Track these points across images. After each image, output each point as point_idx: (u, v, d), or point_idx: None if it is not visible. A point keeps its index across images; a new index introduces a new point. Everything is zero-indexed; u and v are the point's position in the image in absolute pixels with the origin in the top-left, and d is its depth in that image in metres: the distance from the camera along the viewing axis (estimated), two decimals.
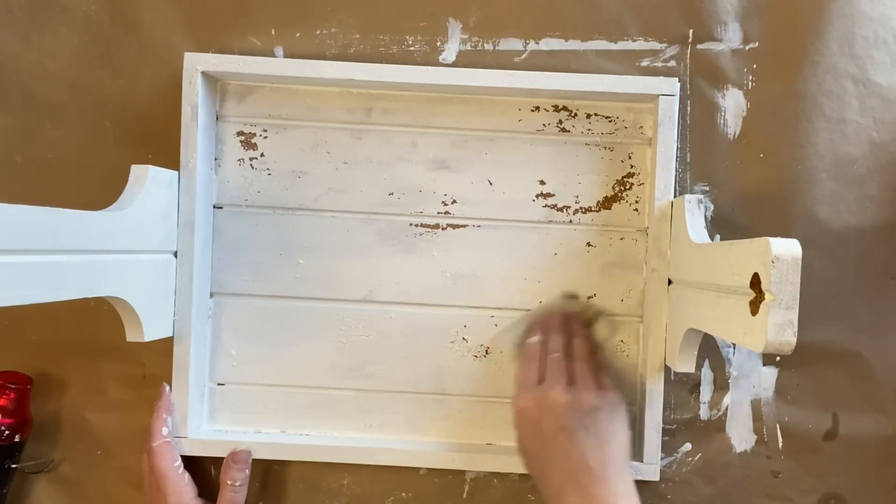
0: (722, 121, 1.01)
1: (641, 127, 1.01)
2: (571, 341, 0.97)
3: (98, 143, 1.02)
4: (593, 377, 0.93)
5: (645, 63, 1.01)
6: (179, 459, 0.98)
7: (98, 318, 1.01)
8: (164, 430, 0.97)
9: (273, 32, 1.01)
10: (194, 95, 0.97)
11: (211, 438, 1.00)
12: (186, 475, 0.98)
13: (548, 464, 0.89)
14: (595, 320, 1.02)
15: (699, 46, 1.01)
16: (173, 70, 1.00)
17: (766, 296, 0.68)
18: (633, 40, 1.01)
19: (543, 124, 1.01)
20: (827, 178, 1.00)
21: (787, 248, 0.67)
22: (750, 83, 1.01)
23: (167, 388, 0.99)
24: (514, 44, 1.01)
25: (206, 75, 0.98)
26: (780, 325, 0.68)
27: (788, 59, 1.01)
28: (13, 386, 0.99)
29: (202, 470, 1.02)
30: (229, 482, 0.98)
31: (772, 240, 0.68)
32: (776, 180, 1.01)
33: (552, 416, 0.88)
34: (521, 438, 0.92)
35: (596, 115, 1.01)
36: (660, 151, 0.98)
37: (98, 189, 0.97)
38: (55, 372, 1.03)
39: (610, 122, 1.01)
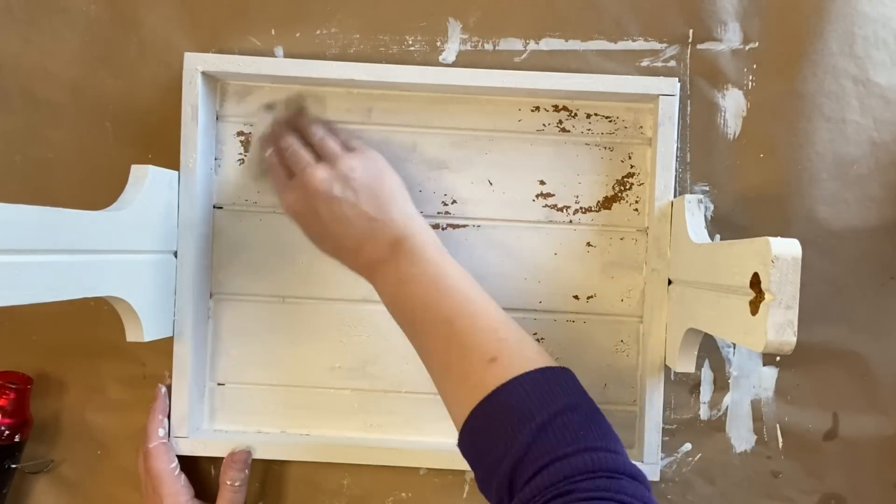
0: (722, 121, 1.01)
1: (641, 127, 1.01)
2: (301, 134, 0.97)
3: (98, 143, 1.02)
4: (338, 144, 0.94)
5: (645, 63, 1.01)
6: (176, 461, 0.98)
7: (98, 318, 1.01)
8: (161, 432, 0.98)
9: (273, 32, 1.01)
10: (194, 95, 0.97)
11: (211, 438, 1.01)
12: (183, 476, 0.98)
13: (337, 236, 0.91)
14: (304, 103, 1.03)
15: (699, 46, 1.01)
16: (173, 70, 1.00)
17: (766, 295, 0.68)
18: (633, 40, 1.01)
19: (543, 124, 1.02)
20: (827, 178, 1.00)
21: (787, 248, 0.67)
22: (750, 83, 1.01)
23: (163, 389, 1.00)
24: (514, 44, 1.01)
25: (206, 75, 0.98)
26: (780, 324, 0.68)
27: (788, 59, 1.01)
28: (13, 386, 0.99)
29: (202, 470, 1.03)
30: (228, 482, 0.98)
31: (772, 239, 0.68)
32: (776, 180, 1.01)
33: (317, 194, 0.89)
34: (305, 231, 0.94)
35: (596, 115, 1.02)
36: (660, 151, 0.98)
37: (98, 189, 0.97)
38: (55, 372, 1.04)
39: (610, 122, 1.01)
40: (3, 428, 0.97)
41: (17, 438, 0.99)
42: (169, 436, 0.99)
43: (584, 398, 0.78)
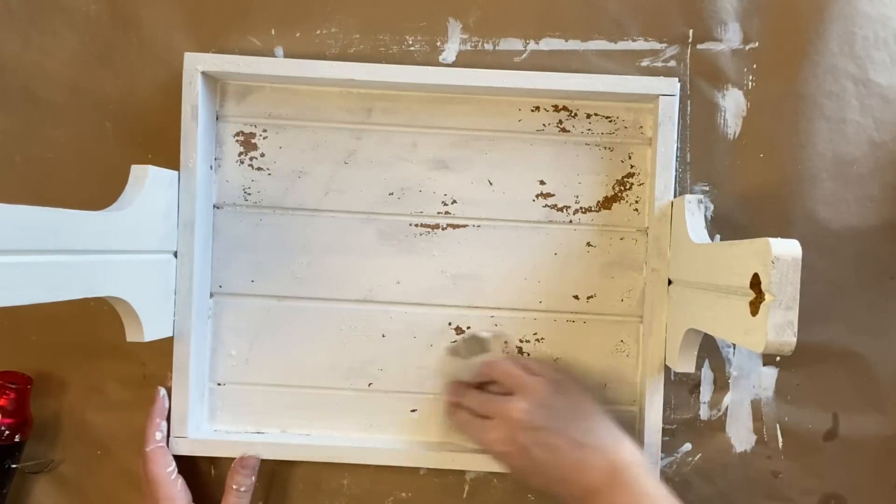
0: (722, 121, 1.01)
1: (641, 127, 1.01)
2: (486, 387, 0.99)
3: (98, 143, 1.02)
4: (523, 372, 0.93)
5: (645, 63, 1.01)
6: (173, 464, 0.98)
7: (98, 318, 1.01)
8: (158, 435, 0.97)
9: (273, 32, 1.01)
10: (194, 95, 0.97)
11: (210, 438, 1.00)
12: (180, 480, 0.98)
13: (549, 467, 0.88)
14: (484, 345, 1.03)
15: (699, 46, 1.01)
16: (173, 70, 1.00)
17: (766, 296, 0.68)
18: (633, 40, 1.01)
19: (543, 124, 1.02)
20: (827, 178, 1.00)
21: (787, 249, 0.68)
22: (750, 83, 1.01)
23: (162, 391, 1.00)
24: (514, 44, 1.01)
25: (206, 75, 0.98)
26: (780, 325, 0.68)
27: (788, 59, 1.01)
28: (13, 386, 0.99)
29: (201, 470, 1.03)
30: (235, 486, 0.98)
31: (772, 240, 0.68)
32: (776, 180, 1.01)
33: (521, 426, 0.88)
34: (513, 468, 0.92)
35: (596, 115, 1.01)
36: (660, 151, 0.98)
37: (98, 189, 0.97)
38: (55, 372, 1.03)
39: (610, 122, 1.01)
40: (3, 428, 0.97)
41: (17, 438, 0.99)
42: (168, 438, 0.99)
43: None
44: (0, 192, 1.02)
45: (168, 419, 1.00)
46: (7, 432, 0.97)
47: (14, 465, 0.99)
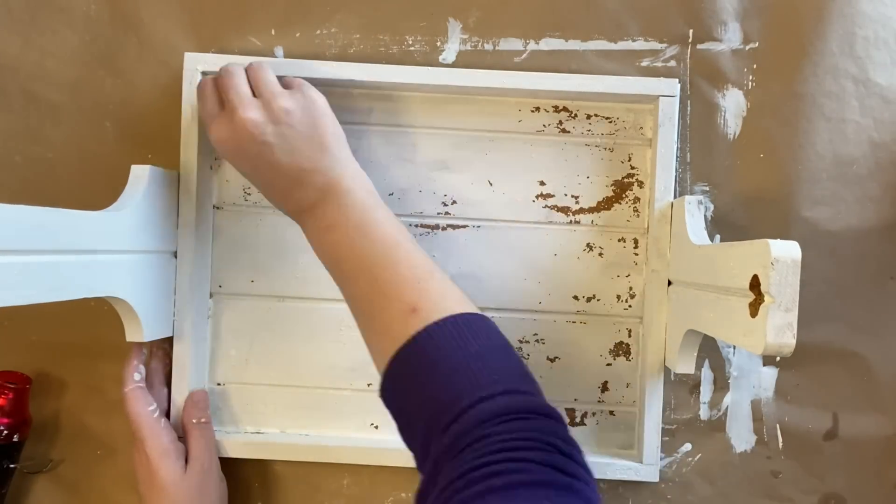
0: (722, 121, 1.01)
1: (641, 128, 1.01)
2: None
3: (98, 143, 1.02)
4: (275, 80, 0.89)
5: (645, 63, 1.01)
6: (154, 404, 0.97)
7: (98, 318, 1.01)
8: (136, 376, 0.96)
9: (273, 32, 1.01)
10: (194, 95, 0.97)
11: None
12: (164, 420, 0.97)
13: (266, 179, 0.89)
14: None
15: (699, 46, 1.01)
16: (173, 70, 1.00)
17: (766, 298, 0.68)
18: (633, 40, 1.01)
19: (543, 125, 1.02)
20: (827, 178, 1.00)
21: (787, 251, 0.68)
22: (750, 83, 1.01)
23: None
24: (514, 44, 1.01)
25: (206, 75, 0.98)
26: (779, 327, 0.68)
27: (788, 59, 1.01)
28: (12, 385, 0.99)
29: None
30: (194, 420, 0.98)
31: (771, 242, 0.68)
32: (776, 180, 1.01)
33: (248, 137, 0.85)
34: (232, 164, 0.90)
35: (596, 115, 1.01)
36: (660, 152, 0.98)
37: (98, 189, 0.97)
38: (55, 372, 1.04)
39: (610, 122, 1.01)
40: (1, 427, 0.97)
41: (15, 438, 0.99)
42: (169, 414, 1.00)
43: (499, 340, 0.78)
44: (0, 192, 1.02)
45: (169, 403, 1.00)
46: (6, 432, 0.97)
47: (13, 465, 0.99)
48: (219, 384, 1.03)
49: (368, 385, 1.03)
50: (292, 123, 0.86)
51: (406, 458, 0.98)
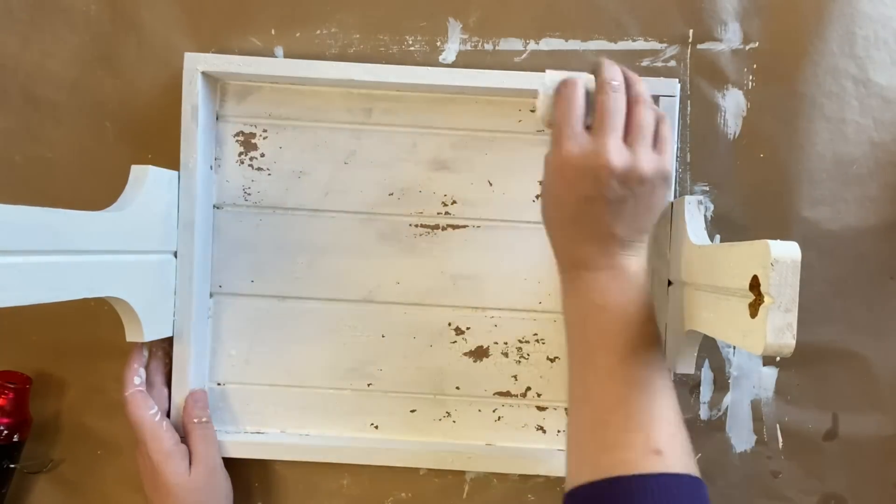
0: (722, 121, 1.01)
1: None
2: (630, 83, 0.84)
3: (98, 143, 1.02)
4: (652, 135, 0.81)
5: (645, 63, 1.01)
6: (156, 408, 0.96)
7: (98, 318, 1.01)
8: (137, 380, 0.96)
9: (273, 32, 1.01)
10: (194, 95, 0.97)
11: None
12: (165, 422, 0.97)
13: (572, 219, 0.81)
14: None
15: (699, 46, 1.01)
16: (173, 70, 1.00)
17: (766, 298, 0.68)
18: (633, 40, 1.01)
19: None
20: (827, 178, 1.01)
21: (787, 251, 0.67)
22: (750, 83, 1.01)
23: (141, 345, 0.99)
24: (514, 44, 1.01)
25: (206, 75, 0.98)
26: (779, 327, 0.67)
27: (788, 59, 1.01)
28: (12, 385, 0.99)
29: None
30: (195, 420, 0.99)
31: (771, 242, 0.68)
32: (776, 180, 1.01)
33: (597, 181, 0.77)
34: (551, 186, 0.82)
35: None
36: None
37: (98, 189, 0.97)
38: (55, 372, 1.04)
39: None
40: (1, 427, 0.97)
41: (16, 438, 0.99)
42: (169, 414, 1.00)
43: None
44: (0, 192, 1.02)
45: (170, 404, 1.00)
46: (6, 432, 0.98)
47: (13, 465, 1.00)
48: (219, 384, 1.03)
49: (368, 385, 1.03)
50: (640, 194, 0.79)
51: (406, 458, 0.99)
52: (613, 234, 0.79)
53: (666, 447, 0.73)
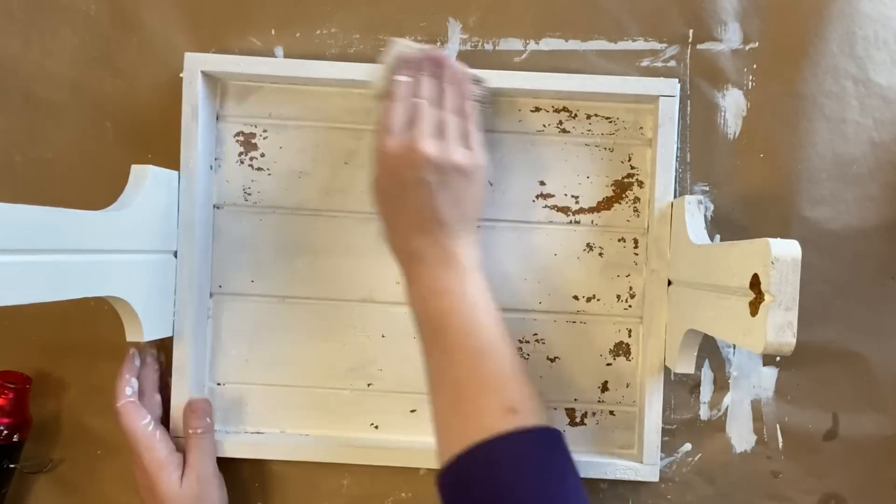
0: (722, 121, 1.01)
1: (641, 128, 1.02)
2: (444, 89, 0.92)
3: (98, 143, 1.02)
4: (463, 132, 0.90)
5: (645, 63, 1.01)
6: (148, 417, 0.97)
7: (98, 318, 1.01)
8: (128, 391, 0.97)
9: (273, 32, 1.01)
10: (194, 95, 0.97)
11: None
12: (159, 432, 0.97)
13: (399, 209, 0.88)
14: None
15: (699, 46, 1.01)
16: (173, 70, 1.00)
17: (766, 297, 0.68)
18: (633, 40, 1.01)
19: (544, 125, 1.02)
20: (827, 178, 1.01)
21: (787, 250, 0.67)
22: (750, 83, 1.01)
23: (132, 350, 0.99)
24: (514, 44, 1.01)
25: (207, 75, 0.98)
26: (779, 325, 0.68)
27: (788, 59, 1.01)
28: (12, 385, 0.99)
29: None
30: (191, 430, 0.99)
31: (771, 241, 0.68)
32: (776, 180, 1.01)
33: (415, 166, 0.85)
34: (378, 179, 0.89)
35: (596, 115, 1.02)
36: (660, 152, 0.98)
37: (98, 189, 0.97)
38: (55, 372, 1.04)
39: (610, 122, 1.02)
40: (1, 427, 0.97)
41: (15, 438, 0.99)
42: (168, 420, 1.00)
43: (575, 467, 0.80)
44: (0, 192, 1.02)
45: (166, 407, 1.00)
46: (6, 432, 0.98)
47: (13, 465, 0.99)
48: (219, 384, 1.03)
49: (368, 385, 1.03)
50: (458, 182, 0.87)
51: (406, 458, 0.99)
52: (439, 218, 0.87)
53: (519, 404, 0.80)
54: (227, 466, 1.00)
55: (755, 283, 0.70)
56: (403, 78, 0.92)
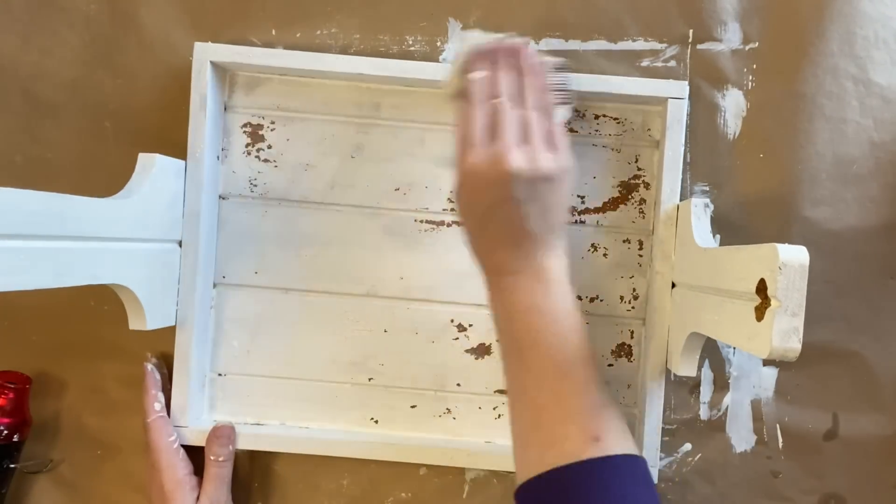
0: (722, 121, 1.01)
1: (649, 129, 1.02)
2: (523, 81, 0.87)
3: (98, 142, 1.02)
4: (547, 132, 0.85)
5: (645, 63, 1.01)
6: (175, 434, 0.98)
7: (98, 318, 1.02)
8: (157, 406, 0.98)
9: (273, 32, 1.01)
10: (203, 85, 0.97)
11: (210, 428, 1.00)
12: (181, 451, 0.98)
13: (484, 224, 0.84)
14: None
15: (699, 46, 1.01)
16: (173, 70, 1.00)
17: (773, 302, 0.68)
18: (633, 40, 1.01)
19: None
20: (827, 178, 1.01)
21: (795, 255, 0.67)
22: (750, 83, 1.01)
23: (149, 366, 1.00)
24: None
25: (216, 65, 0.99)
26: (785, 331, 0.68)
27: (788, 59, 1.01)
28: (12, 385, 0.99)
29: (201, 465, 1.02)
30: (212, 457, 0.98)
31: (779, 246, 0.68)
32: (776, 180, 1.01)
33: (503, 184, 0.80)
34: (461, 193, 0.85)
35: (604, 116, 1.02)
36: (667, 154, 0.98)
37: (98, 189, 0.96)
38: (55, 372, 1.03)
39: (618, 123, 1.02)
40: (1, 427, 0.97)
41: (15, 438, 0.98)
42: (168, 411, 1.00)
43: (656, 497, 0.79)
44: None
45: (168, 400, 1.00)
46: (6, 432, 0.97)
47: (13, 465, 0.99)
48: (220, 374, 1.04)
49: (370, 380, 1.04)
50: (545, 191, 0.82)
51: (406, 454, 0.99)
52: (527, 232, 0.82)
53: (602, 432, 0.77)
54: None
55: (762, 287, 0.70)
56: (478, 75, 0.87)
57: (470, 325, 1.03)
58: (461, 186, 0.85)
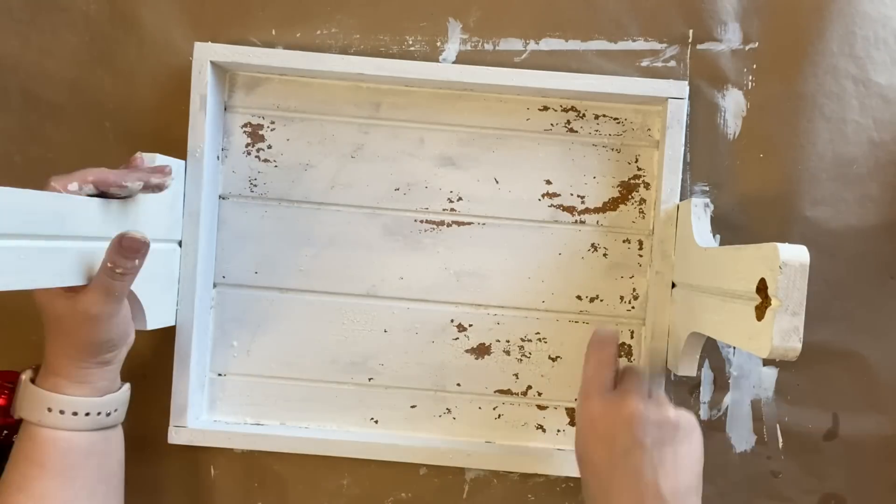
0: (722, 121, 1.01)
1: (649, 129, 1.02)
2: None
3: (98, 143, 1.02)
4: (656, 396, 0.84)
5: (645, 63, 1.01)
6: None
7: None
8: (73, 186, 0.80)
9: (273, 32, 1.01)
10: (203, 85, 0.97)
11: (210, 429, 1.01)
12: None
13: (613, 481, 0.80)
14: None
15: (699, 46, 1.01)
16: (173, 70, 1.00)
17: (773, 301, 0.68)
18: (633, 40, 1.01)
19: (551, 124, 1.02)
20: (827, 178, 1.01)
21: (796, 255, 0.68)
22: (750, 83, 1.01)
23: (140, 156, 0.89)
24: (513, 44, 1.01)
25: (216, 65, 0.99)
26: (786, 331, 0.68)
27: (788, 59, 1.01)
28: (12, 385, 0.98)
29: (200, 465, 1.03)
30: (109, 264, 0.78)
31: (780, 245, 0.68)
32: (776, 180, 1.01)
33: (627, 429, 0.79)
34: (585, 447, 0.83)
35: (604, 116, 1.02)
36: (667, 154, 0.98)
37: None
38: None
39: (618, 123, 1.02)
40: (1, 427, 0.97)
41: (14, 438, 0.98)
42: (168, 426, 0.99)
43: None
44: None
45: (167, 397, 1.00)
46: (6, 432, 0.97)
47: None
48: (220, 374, 1.04)
49: (370, 380, 1.04)
50: (674, 440, 0.81)
51: (406, 454, 0.99)
52: (657, 490, 0.78)
53: None
54: (227, 463, 1.02)
55: (762, 287, 0.70)
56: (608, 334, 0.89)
57: (470, 325, 1.03)
58: (584, 436, 0.84)
